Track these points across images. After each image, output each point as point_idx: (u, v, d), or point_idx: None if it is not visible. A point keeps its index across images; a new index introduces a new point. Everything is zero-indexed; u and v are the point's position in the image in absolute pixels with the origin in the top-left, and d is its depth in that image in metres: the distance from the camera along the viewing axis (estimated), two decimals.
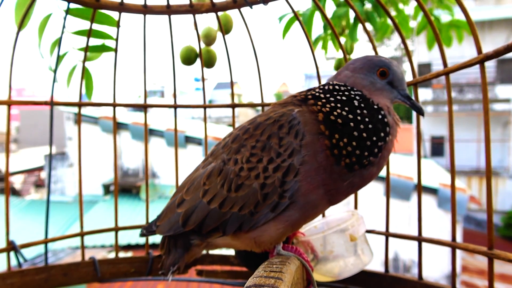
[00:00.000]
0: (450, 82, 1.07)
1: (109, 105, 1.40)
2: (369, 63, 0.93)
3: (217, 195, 0.92)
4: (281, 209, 0.87)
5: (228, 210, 0.91)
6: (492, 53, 0.92)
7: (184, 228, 0.97)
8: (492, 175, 0.94)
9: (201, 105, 1.48)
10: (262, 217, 0.89)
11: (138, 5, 1.33)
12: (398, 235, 1.21)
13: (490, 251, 0.93)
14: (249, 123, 0.96)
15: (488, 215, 0.93)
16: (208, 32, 1.54)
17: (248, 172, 0.89)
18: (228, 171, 0.92)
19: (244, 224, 0.91)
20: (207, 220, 0.94)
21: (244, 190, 0.89)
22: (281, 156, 0.86)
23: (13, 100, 1.20)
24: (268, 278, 0.71)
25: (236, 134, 0.95)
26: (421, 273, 1.11)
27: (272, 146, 0.88)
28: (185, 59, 1.56)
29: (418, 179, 1.13)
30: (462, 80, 16.79)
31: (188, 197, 0.97)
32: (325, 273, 1.11)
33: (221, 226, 0.93)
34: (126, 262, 1.38)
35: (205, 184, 0.94)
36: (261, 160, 0.88)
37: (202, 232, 0.96)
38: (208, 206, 0.93)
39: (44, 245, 1.34)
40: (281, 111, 0.91)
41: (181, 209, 0.98)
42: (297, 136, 0.86)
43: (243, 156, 0.90)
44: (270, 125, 0.90)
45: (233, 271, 1.39)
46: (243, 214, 0.90)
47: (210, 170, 0.95)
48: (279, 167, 0.86)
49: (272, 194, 0.87)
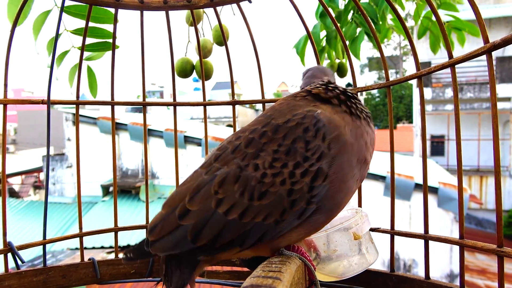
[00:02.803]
0: (456, 74, 1.04)
1: (107, 103, 1.38)
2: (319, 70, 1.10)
3: (236, 205, 0.84)
4: (307, 215, 0.85)
5: (250, 220, 0.84)
6: (500, 42, 0.89)
7: (195, 244, 0.85)
8: (500, 173, 0.92)
9: (201, 103, 1.46)
10: (287, 225, 0.85)
11: (134, 0, 1.30)
12: (404, 233, 1.19)
13: (499, 248, 0.90)
14: (261, 125, 0.90)
15: (498, 212, 0.91)
16: (204, 44, 1.53)
17: (272, 178, 0.84)
18: (248, 178, 0.84)
19: (266, 234, 0.85)
20: (223, 233, 0.84)
21: (269, 198, 0.84)
22: (309, 160, 0.84)
23: (9, 99, 1.18)
24: (266, 278, 0.68)
25: (249, 138, 0.89)
26: (428, 272, 1.08)
27: (297, 150, 0.84)
28: (181, 71, 1.55)
29: (423, 177, 1.11)
30: (462, 79, 16.81)
31: (195, 208, 0.86)
32: (329, 273, 1.09)
33: (239, 238, 0.85)
34: (126, 263, 1.35)
35: (218, 193, 0.85)
36: (286, 165, 0.84)
37: (214, 246, 0.86)
38: (225, 217, 0.84)
39: (42, 246, 1.31)
40: (301, 113, 0.89)
41: (186, 222, 0.86)
42: (324, 138, 0.85)
43: (265, 161, 0.85)
44: (293, 128, 0.86)
45: (235, 271, 1.37)
46: (268, 224, 0.84)
47: (223, 177, 0.86)
48: (307, 171, 0.83)
49: (300, 200, 0.83)
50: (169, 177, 9.70)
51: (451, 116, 16.96)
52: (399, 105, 30.10)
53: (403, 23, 1.18)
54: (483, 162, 16.36)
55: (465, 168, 16.38)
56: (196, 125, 12.73)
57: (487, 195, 15.90)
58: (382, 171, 7.95)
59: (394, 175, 1.19)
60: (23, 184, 18.95)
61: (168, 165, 9.70)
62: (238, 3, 1.32)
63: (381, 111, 31.65)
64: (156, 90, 33.60)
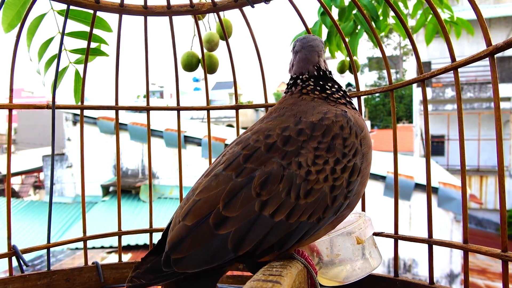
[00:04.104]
0: (459, 77, 1.05)
1: (111, 108, 1.38)
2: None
3: (282, 205, 0.80)
4: (342, 211, 0.87)
5: (296, 220, 0.81)
6: (502, 45, 0.89)
7: (237, 253, 0.78)
8: (503, 177, 0.92)
9: (204, 107, 1.46)
10: (326, 222, 0.86)
11: (138, 6, 1.31)
12: (407, 237, 1.19)
13: (504, 253, 0.91)
14: (293, 123, 0.89)
15: (502, 216, 0.91)
16: (210, 37, 1.52)
17: (316, 175, 0.83)
18: (292, 176, 0.82)
19: (307, 234, 0.84)
20: (269, 236, 0.80)
21: (313, 196, 0.83)
22: (347, 156, 0.87)
23: (14, 104, 1.18)
24: (265, 282, 0.68)
25: (285, 136, 0.86)
26: (432, 277, 1.09)
27: (336, 147, 0.87)
28: (187, 65, 1.52)
29: (427, 183, 1.11)
30: (462, 79, 16.79)
31: (234, 214, 0.79)
32: (332, 277, 1.09)
33: (282, 240, 0.81)
34: (129, 267, 1.36)
35: (261, 195, 0.80)
36: (327, 162, 0.85)
37: (255, 253, 0.80)
38: (272, 219, 0.80)
39: (46, 250, 1.32)
40: (329, 111, 0.92)
41: (225, 230, 0.78)
42: (357, 135, 0.90)
43: (307, 158, 0.84)
44: (330, 126, 0.89)
45: (239, 275, 1.37)
46: (311, 222, 0.83)
47: (264, 177, 0.81)
48: (346, 167, 0.86)
49: (340, 195, 0.85)
50: (169, 177, 9.70)
51: (451, 116, 16.96)
52: (399, 105, 30.07)
53: (405, 25, 1.18)
54: (483, 162, 16.36)
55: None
56: (196, 125, 12.72)
57: (487, 195, 15.90)
58: (382, 171, 7.95)
59: (397, 179, 1.19)
60: (23, 184, 18.93)
61: (168, 165, 9.70)
62: (240, 8, 1.32)
63: (381, 111, 31.64)
64: (156, 90, 33.59)
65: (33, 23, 1.30)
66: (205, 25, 1.48)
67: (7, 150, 1.18)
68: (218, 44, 1.54)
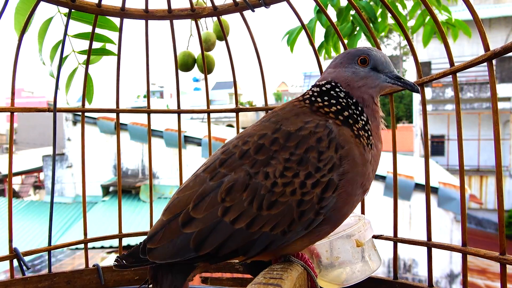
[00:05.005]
0: (457, 82, 1.05)
1: (112, 111, 1.39)
2: (348, 55, 0.95)
3: (244, 214, 0.82)
4: (314, 226, 0.84)
5: (257, 230, 0.82)
6: (500, 50, 0.89)
7: (198, 253, 0.83)
8: (502, 180, 0.93)
9: (205, 110, 1.46)
10: (293, 236, 0.84)
11: (139, 9, 1.31)
12: (407, 240, 1.20)
13: (502, 256, 0.91)
14: (271, 131, 0.87)
15: (500, 219, 0.92)
16: (207, 37, 1.52)
17: (282, 188, 0.82)
18: (257, 186, 0.82)
19: (272, 244, 0.84)
20: (228, 242, 0.82)
21: (278, 208, 0.82)
22: (321, 171, 0.82)
23: (16, 107, 1.19)
24: (266, 285, 0.69)
25: (259, 143, 0.86)
26: (431, 280, 1.09)
27: (310, 160, 0.83)
28: (182, 65, 1.52)
29: (426, 187, 1.12)
30: (462, 78, 16.79)
31: (200, 216, 0.83)
32: (332, 280, 1.09)
33: (244, 248, 0.83)
34: (130, 270, 1.36)
35: (225, 201, 0.82)
36: (298, 175, 0.82)
37: (218, 255, 0.83)
38: (232, 226, 0.82)
39: (47, 252, 1.32)
40: (312, 121, 0.87)
41: (189, 230, 0.83)
42: (337, 150, 0.84)
43: (275, 169, 0.83)
44: (306, 137, 0.85)
45: (239, 278, 1.38)
46: (275, 234, 0.83)
47: (230, 184, 0.83)
48: (318, 182, 0.82)
49: (309, 211, 0.82)
50: (169, 177, 9.70)
51: (451, 116, 16.95)
52: (399, 105, 30.05)
53: (403, 28, 1.19)
54: (483, 162, 16.36)
55: (465, 167, 16.29)
56: (196, 125, 12.72)
57: (487, 195, 15.90)
58: (382, 171, 7.95)
59: (396, 184, 1.20)
60: (23, 184, 18.93)
61: (168, 165, 9.70)
62: (241, 12, 1.33)
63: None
64: (156, 90, 33.57)
65: (43, 26, 1.32)
66: (201, 25, 1.49)
67: (8, 153, 1.19)
68: (215, 44, 1.55)
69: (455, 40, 2.12)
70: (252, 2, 1.28)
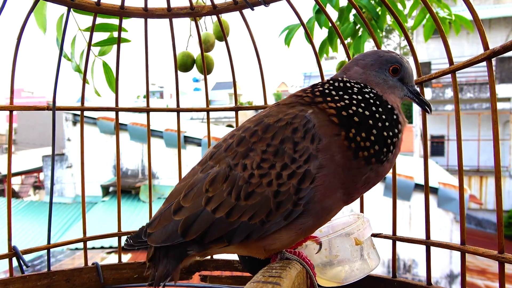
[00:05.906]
0: (456, 81, 1.05)
1: (111, 109, 1.39)
2: (381, 60, 0.93)
3: (223, 204, 0.86)
4: (294, 217, 0.85)
5: (236, 219, 0.85)
6: (499, 49, 0.89)
7: (184, 238, 0.89)
8: (500, 179, 0.93)
9: (204, 109, 1.47)
10: (273, 226, 0.85)
11: (139, 8, 1.31)
12: (405, 239, 1.20)
13: (500, 255, 0.92)
14: (254, 124, 0.90)
15: (498, 218, 0.92)
16: (206, 37, 1.53)
17: (259, 179, 0.84)
18: (236, 178, 0.86)
19: (253, 233, 0.86)
20: (211, 229, 0.87)
21: (255, 199, 0.84)
22: (297, 162, 0.82)
23: (15, 106, 1.19)
24: (265, 284, 0.69)
25: (241, 136, 0.89)
26: (430, 278, 1.09)
27: (286, 151, 0.83)
28: (181, 65, 1.53)
29: (425, 185, 1.12)
30: (462, 79, 16.80)
31: (187, 204, 0.89)
32: (331, 278, 1.09)
33: (227, 235, 0.87)
34: (129, 268, 1.36)
35: (208, 191, 0.87)
36: (274, 166, 0.84)
37: (203, 242, 0.89)
38: (213, 215, 0.86)
39: (46, 251, 1.32)
40: (292, 112, 0.87)
41: (179, 217, 0.90)
42: (313, 140, 0.83)
43: (253, 161, 0.85)
44: (282, 128, 0.85)
45: (238, 276, 1.38)
46: (253, 223, 0.85)
47: (214, 176, 0.88)
48: (294, 173, 0.83)
49: (286, 202, 0.83)
50: (169, 177, 9.70)
51: (451, 116, 16.95)
52: None
53: (403, 28, 1.19)
54: (483, 162, 16.35)
55: (465, 168, 16.17)
56: (196, 125, 12.73)
57: (487, 195, 15.90)
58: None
59: (396, 181, 1.20)
60: (23, 184, 18.93)
61: (168, 166, 9.70)
62: (240, 10, 1.33)
63: None
64: (156, 90, 33.57)
65: (59, 21, 1.35)
66: (201, 25, 1.49)
67: (7, 152, 1.19)
68: (214, 44, 1.55)
69: (457, 33, 2.12)
70: (252, 0, 1.28)
